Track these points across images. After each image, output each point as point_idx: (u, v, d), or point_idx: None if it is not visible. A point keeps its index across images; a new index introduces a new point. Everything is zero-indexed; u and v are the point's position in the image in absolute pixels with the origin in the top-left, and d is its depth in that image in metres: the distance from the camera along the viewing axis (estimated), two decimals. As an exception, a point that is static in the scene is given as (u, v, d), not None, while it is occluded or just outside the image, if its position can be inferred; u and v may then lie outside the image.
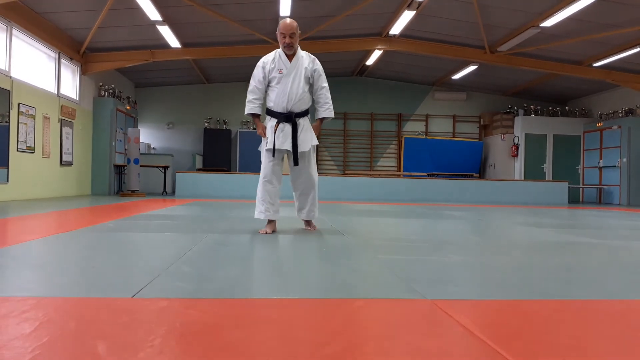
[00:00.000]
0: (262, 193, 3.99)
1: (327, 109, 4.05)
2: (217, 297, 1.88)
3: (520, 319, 1.71)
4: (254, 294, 2.01)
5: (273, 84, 3.97)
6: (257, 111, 4.03)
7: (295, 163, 3.99)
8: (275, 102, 3.96)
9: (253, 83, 4.00)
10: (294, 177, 4.09)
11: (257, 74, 4.00)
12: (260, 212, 3.98)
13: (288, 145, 3.93)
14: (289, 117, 3.94)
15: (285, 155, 4.10)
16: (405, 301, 1.88)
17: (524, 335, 1.51)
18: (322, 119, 4.12)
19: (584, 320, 1.72)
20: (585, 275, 2.60)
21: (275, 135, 3.93)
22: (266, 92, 4.04)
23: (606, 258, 3.22)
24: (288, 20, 3.98)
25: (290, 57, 3.98)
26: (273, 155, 3.95)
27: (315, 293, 2.04)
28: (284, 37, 3.90)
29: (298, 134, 3.94)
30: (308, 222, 4.24)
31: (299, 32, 3.99)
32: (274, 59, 3.98)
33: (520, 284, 2.32)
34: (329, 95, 4.08)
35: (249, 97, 4.01)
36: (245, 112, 4.05)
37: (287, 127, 3.94)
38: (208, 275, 2.31)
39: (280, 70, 3.93)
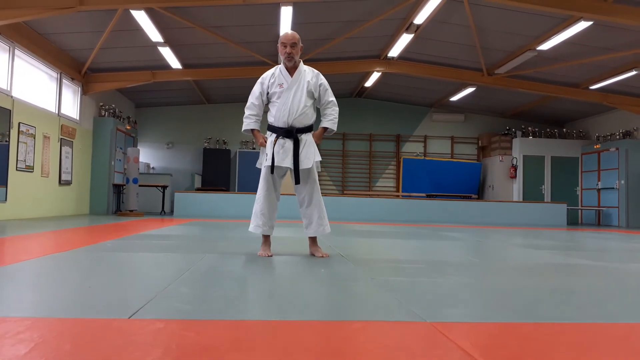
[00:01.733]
0: (260, 206, 3.86)
1: (330, 120, 3.87)
2: (214, 319, 1.86)
3: (520, 342, 1.69)
4: (252, 315, 1.99)
5: (274, 99, 3.85)
6: (254, 126, 3.92)
7: (297, 181, 3.83)
8: (276, 117, 3.83)
9: (250, 99, 3.92)
10: (297, 192, 3.92)
11: (255, 89, 3.93)
12: (256, 225, 3.86)
13: (288, 163, 3.76)
14: (290, 132, 3.79)
15: (288, 172, 3.93)
16: (404, 323, 1.87)
17: (524, 358, 1.49)
18: (324, 128, 3.90)
19: (583, 344, 1.71)
20: (584, 298, 2.59)
21: (274, 151, 3.78)
22: (268, 108, 3.96)
23: (606, 281, 3.20)
24: (289, 31, 3.93)
25: (292, 71, 3.84)
26: (272, 172, 3.81)
27: (313, 315, 2.02)
28: (284, 47, 3.78)
29: (300, 150, 3.78)
30: (314, 245, 3.93)
31: (301, 44, 3.89)
32: (273, 74, 3.89)
33: (520, 306, 2.30)
34: (337, 109, 3.93)
35: (246, 113, 3.92)
36: (242, 129, 3.96)
37: (287, 143, 3.79)
38: (205, 297, 2.29)
39: (280, 85, 3.82)
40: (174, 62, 10.99)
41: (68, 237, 5.53)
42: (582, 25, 8.56)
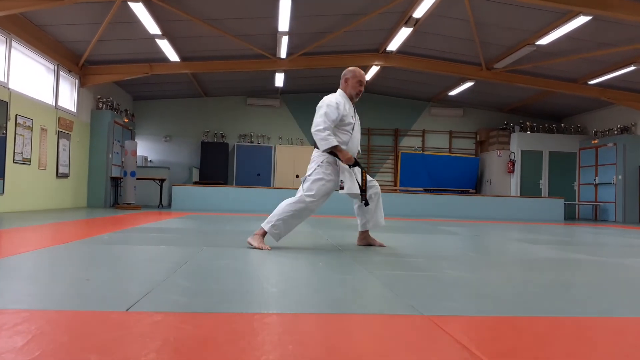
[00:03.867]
0: (296, 221, 3.94)
1: None
2: (212, 312, 1.87)
3: (517, 335, 1.70)
4: (250, 308, 1.99)
5: (348, 128, 4.00)
6: (337, 143, 3.92)
7: (367, 203, 4.07)
8: (350, 148, 4.01)
9: (328, 122, 3.86)
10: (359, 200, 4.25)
11: (332, 113, 3.87)
12: (277, 234, 3.90)
13: (357, 188, 3.99)
14: (357, 162, 4.00)
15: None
16: (401, 317, 1.87)
17: (520, 351, 1.50)
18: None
19: (579, 338, 1.72)
20: (581, 292, 2.60)
21: (353, 178, 3.96)
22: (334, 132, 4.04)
23: (602, 275, 3.22)
24: (361, 70, 4.15)
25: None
26: (362, 200, 4.02)
27: (311, 308, 2.03)
28: (361, 86, 4.02)
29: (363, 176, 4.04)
30: (372, 237, 4.43)
31: None
32: (344, 103, 3.98)
33: (516, 300, 2.31)
34: None
35: (325, 133, 3.84)
36: (327, 148, 3.85)
37: (356, 171, 4.01)
38: (203, 289, 2.30)
39: (352, 117, 4.00)
40: (172, 55, 10.94)
41: (65, 229, 5.53)
42: (582, 20, 8.54)
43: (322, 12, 9.61)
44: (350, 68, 4.15)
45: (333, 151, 3.90)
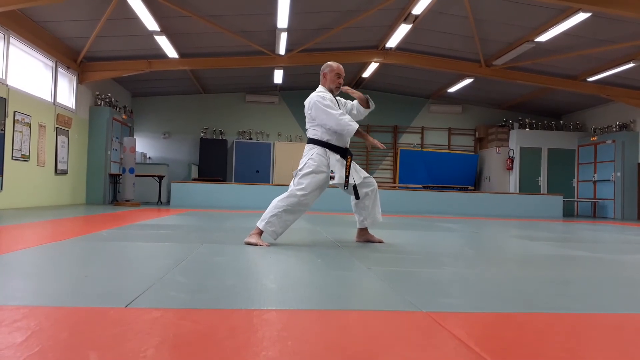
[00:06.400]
0: (292, 217, 3.91)
1: None
2: (211, 308, 1.87)
3: (515, 331, 1.71)
4: (248, 304, 1.99)
5: None
6: (357, 125, 3.97)
7: (357, 196, 4.07)
8: (339, 139, 3.98)
9: (337, 110, 3.91)
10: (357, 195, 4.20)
11: (330, 103, 3.93)
12: (273, 231, 3.88)
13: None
14: (347, 151, 4.00)
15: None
16: (400, 313, 1.88)
17: (519, 347, 1.50)
18: None
19: (577, 334, 1.72)
20: (579, 288, 2.61)
21: (351, 171, 3.95)
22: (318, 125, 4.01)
23: (600, 272, 3.22)
24: (339, 64, 4.18)
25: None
26: (344, 187, 3.97)
27: (309, 304, 2.03)
28: (339, 78, 4.07)
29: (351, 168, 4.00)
30: (370, 233, 4.38)
31: None
32: (330, 97, 4.00)
33: (515, 296, 2.32)
34: None
35: (346, 117, 3.90)
36: (354, 131, 3.89)
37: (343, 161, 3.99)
38: (202, 286, 2.30)
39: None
40: (171, 51, 10.92)
41: (64, 226, 5.52)
42: (581, 16, 8.54)
43: (321, 9, 9.59)
44: (327, 63, 4.18)
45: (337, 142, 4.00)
